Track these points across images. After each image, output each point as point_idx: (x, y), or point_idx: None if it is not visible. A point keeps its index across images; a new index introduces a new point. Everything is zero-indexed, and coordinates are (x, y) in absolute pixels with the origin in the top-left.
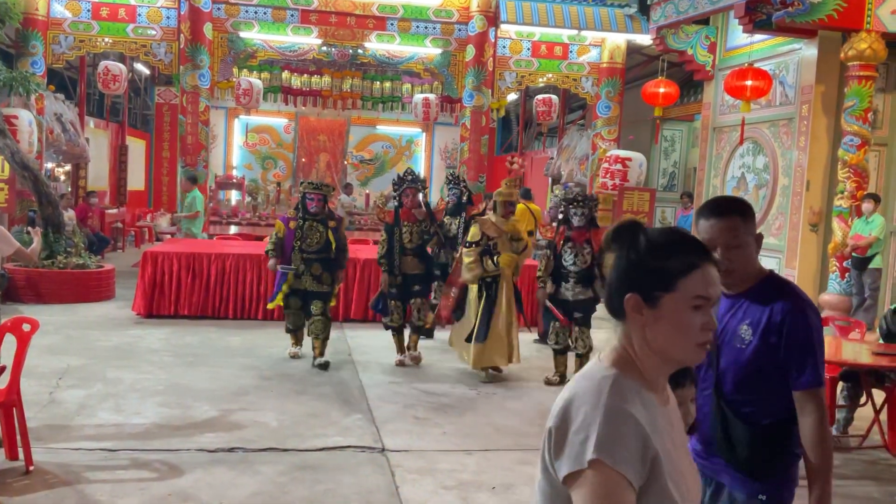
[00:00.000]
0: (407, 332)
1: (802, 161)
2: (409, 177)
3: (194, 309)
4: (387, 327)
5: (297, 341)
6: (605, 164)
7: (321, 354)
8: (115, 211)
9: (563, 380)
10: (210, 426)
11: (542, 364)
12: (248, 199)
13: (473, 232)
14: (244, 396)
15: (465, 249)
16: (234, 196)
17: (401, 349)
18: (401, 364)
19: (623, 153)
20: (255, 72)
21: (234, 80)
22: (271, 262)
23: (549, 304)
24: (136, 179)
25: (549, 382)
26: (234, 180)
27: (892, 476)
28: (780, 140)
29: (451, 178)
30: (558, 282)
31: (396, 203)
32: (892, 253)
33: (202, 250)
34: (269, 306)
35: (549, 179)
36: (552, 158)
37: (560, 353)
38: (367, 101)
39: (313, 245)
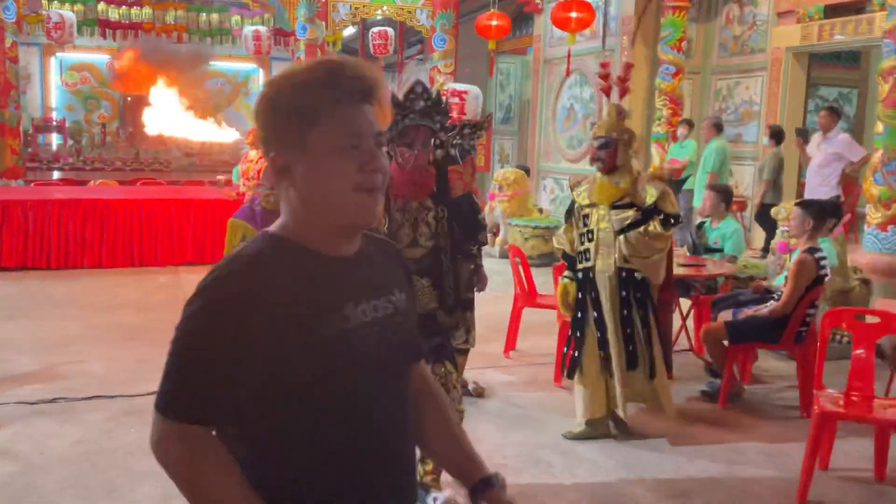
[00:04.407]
0: None
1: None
2: (424, 95)
3: (13, 259)
4: None
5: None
6: (443, 98)
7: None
8: None
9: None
10: (31, 379)
11: None
12: (70, 142)
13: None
14: (69, 347)
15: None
16: (55, 140)
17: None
18: None
19: (460, 86)
20: (67, 3)
21: (44, 12)
22: None
23: None
24: None
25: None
26: (55, 123)
27: (698, 374)
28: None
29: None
30: None
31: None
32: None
33: (18, 197)
34: None
35: None
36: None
37: None
38: (193, 34)
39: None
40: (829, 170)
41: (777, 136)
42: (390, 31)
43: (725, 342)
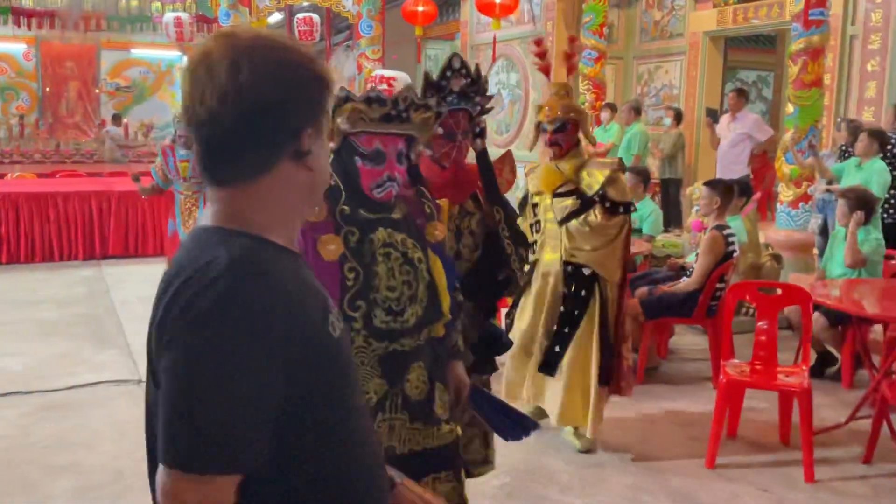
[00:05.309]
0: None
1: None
2: (463, 71)
3: None
4: None
5: None
6: (371, 84)
7: None
8: None
9: None
10: None
11: None
12: None
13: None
14: None
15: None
16: None
17: None
18: None
19: (388, 72)
20: None
21: None
22: None
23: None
24: None
25: None
26: None
27: None
28: (529, 56)
29: None
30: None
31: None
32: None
33: None
34: None
35: None
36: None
37: None
38: (112, 21)
39: (402, 306)
40: (739, 149)
41: (678, 117)
42: (316, 17)
43: (641, 318)
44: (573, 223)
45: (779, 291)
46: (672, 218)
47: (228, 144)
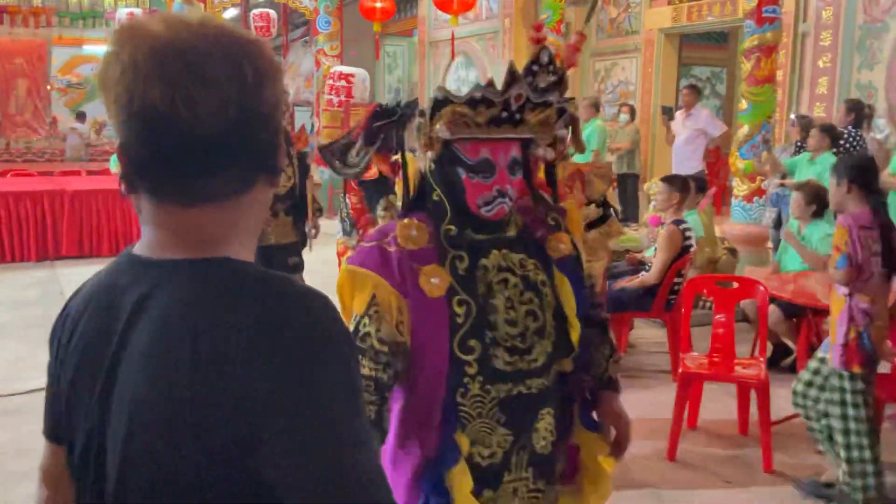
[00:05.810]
0: None
1: None
2: (550, 67)
3: None
4: None
5: None
6: (330, 81)
7: None
8: None
9: None
10: None
11: None
12: None
13: None
14: None
15: None
16: None
17: None
18: None
19: (346, 69)
20: None
21: None
22: None
23: None
24: None
25: None
26: None
27: None
28: (488, 53)
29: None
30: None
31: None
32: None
33: None
34: None
35: None
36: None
37: None
38: (63, 17)
39: (530, 343)
40: (695, 145)
41: (633, 112)
42: (273, 13)
43: None
44: (592, 233)
45: (735, 285)
46: (630, 213)
47: (218, 155)
